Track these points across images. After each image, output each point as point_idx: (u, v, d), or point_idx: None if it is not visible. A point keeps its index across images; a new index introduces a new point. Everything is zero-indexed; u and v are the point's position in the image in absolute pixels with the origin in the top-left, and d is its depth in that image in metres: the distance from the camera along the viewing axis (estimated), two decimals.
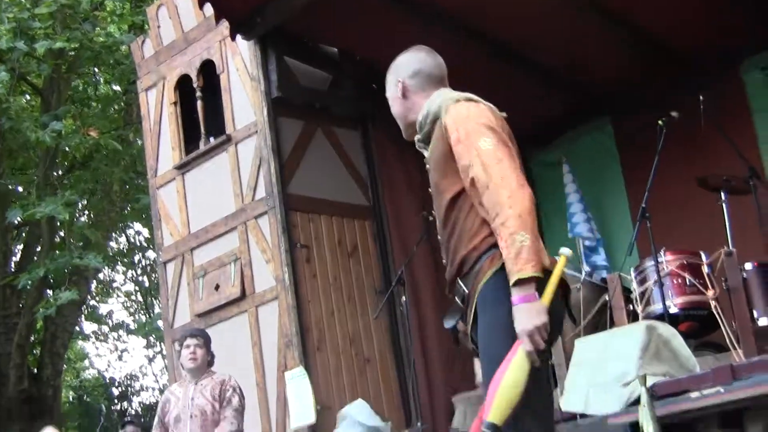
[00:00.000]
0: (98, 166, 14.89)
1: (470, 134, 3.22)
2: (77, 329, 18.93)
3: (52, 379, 15.27)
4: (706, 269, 6.19)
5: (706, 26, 7.78)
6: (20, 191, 16.05)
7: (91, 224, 15.73)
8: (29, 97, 16.19)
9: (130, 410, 19.62)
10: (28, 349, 15.42)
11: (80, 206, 15.44)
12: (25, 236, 16.44)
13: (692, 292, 6.13)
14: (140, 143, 14.06)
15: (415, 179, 8.44)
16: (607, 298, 6.47)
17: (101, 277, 19.55)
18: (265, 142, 8.12)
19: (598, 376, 5.44)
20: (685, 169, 7.42)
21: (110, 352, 21.83)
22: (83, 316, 18.81)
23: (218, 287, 8.34)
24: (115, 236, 18.87)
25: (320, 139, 8.65)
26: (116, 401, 19.98)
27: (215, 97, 8.71)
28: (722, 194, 6.59)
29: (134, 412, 19.44)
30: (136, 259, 20.26)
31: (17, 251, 16.73)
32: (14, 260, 16.29)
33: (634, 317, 6.28)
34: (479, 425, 3.03)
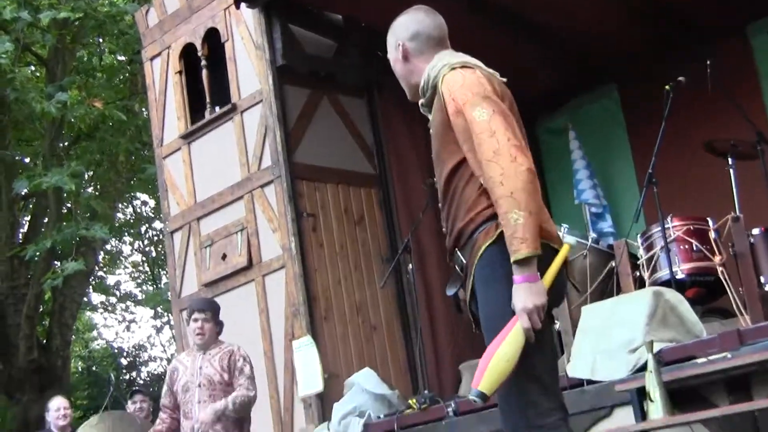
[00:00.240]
0: (104, 136, 14.90)
1: (465, 105, 3.17)
2: (85, 300, 19.02)
3: (61, 349, 15.35)
4: (713, 235, 6.17)
5: None
6: (27, 162, 16.08)
7: (97, 195, 15.75)
8: (34, 67, 16.18)
9: (138, 380, 19.74)
10: (37, 320, 15.50)
11: (86, 177, 15.43)
12: (32, 207, 16.48)
13: (699, 258, 6.12)
14: (145, 113, 14.05)
15: (421, 146, 8.38)
16: (613, 264, 6.47)
17: (108, 248, 19.61)
18: (270, 110, 8.10)
19: (604, 342, 5.44)
20: (692, 134, 7.39)
21: (118, 322, 21.94)
22: (91, 287, 18.88)
23: (225, 257, 8.35)
24: (121, 207, 18.91)
25: (326, 107, 8.62)
26: (125, 371, 20.10)
27: (220, 65, 8.69)
28: (729, 159, 6.56)
29: (142, 381, 19.55)
30: (142, 229, 20.32)
31: (25, 223, 16.78)
32: (22, 231, 16.34)
33: (640, 283, 6.27)
34: None
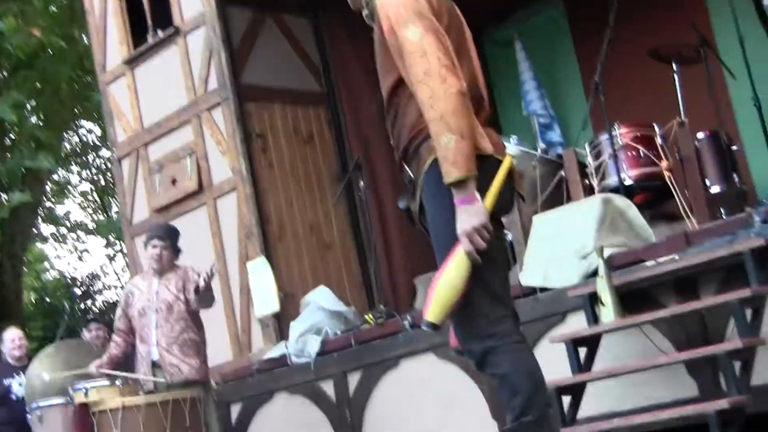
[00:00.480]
0: (44, 65, 14.59)
1: (398, 23, 3.10)
2: (35, 231, 18.82)
3: (12, 281, 15.24)
4: (659, 140, 6.25)
5: None
6: None
7: (41, 125, 15.48)
8: None
9: (93, 309, 19.67)
10: None
11: (29, 107, 15.15)
12: None
13: (646, 163, 6.19)
14: (86, 40, 13.77)
15: (369, 62, 8.26)
16: (563, 173, 6.52)
17: (56, 178, 19.36)
18: (214, 32, 8.01)
19: (556, 250, 5.52)
20: (637, 42, 7.40)
21: (70, 253, 21.76)
22: (40, 218, 18.68)
23: (175, 181, 8.30)
24: (67, 137, 18.60)
25: (270, 27, 8.54)
26: (79, 301, 20.01)
27: None
28: (674, 65, 6.62)
29: (98, 310, 19.48)
30: (90, 158, 20.04)
31: None
32: None
33: (590, 191, 6.34)
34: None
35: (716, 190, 6.01)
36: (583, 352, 4.92)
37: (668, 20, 7.18)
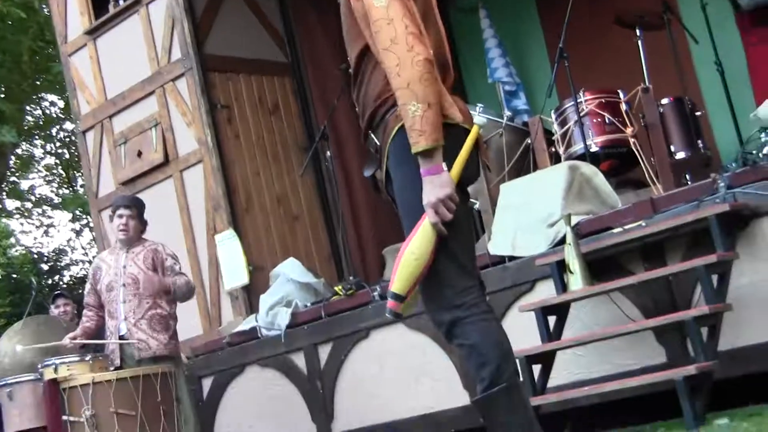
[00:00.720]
0: (4, 35, 14.37)
1: None
2: (0, 207, 18.65)
3: None
4: (624, 107, 6.26)
5: None
6: None
7: (2, 97, 15.28)
8: None
9: (61, 284, 19.50)
10: None
11: None
12: None
13: (611, 130, 6.21)
14: (47, 10, 13.56)
15: (333, 32, 8.15)
16: (529, 141, 6.53)
17: (19, 152, 19.13)
18: (176, 1, 7.92)
19: (523, 218, 5.53)
20: (600, 8, 7.41)
21: (36, 228, 21.53)
22: (5, 193, 18.48)
23: (140, 154, 8.24)
24: (29, 109, 18.38)
25: None
26: (46, 276, 19.83)
27: None
28: (637, 31, 6.63)
29: (65, 285, 19.32)
30: (53, 131, 19.81)
31: None
32: None
33: (556, 159, 6.36)
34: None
35: (681, 156, 6.05)
36: (552, 320, 4.96)
37: None
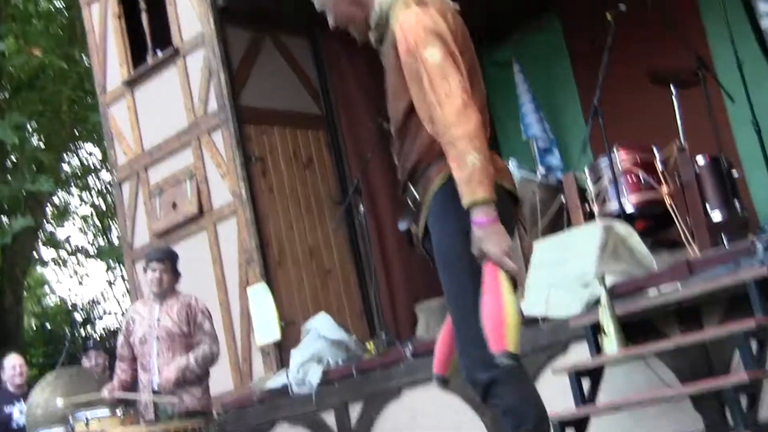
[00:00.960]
0: (45, 86, 14.58)
1: (417, 45, 3.08)
2: (35, 255, 18.76)
3: (13, 306, 15.13)
4: (659, 166, 6.20)
5: None
6: None
7: (42, 147, 15.45)
8: None
9: (93, 335, 19.53)
10: None
11: (29, 129, 15.12)
12: None
13: (646, 189, 6.13)
14: (87, 61, 13.76)
15: (368, 84, 8.32)
16: (563, 198, 6.49)
17: (56, 201, 19.31)
18: (213, 53, 8.00)
19: (558, 276, 5.46)
20: (635, 64, 7.36)
21: (70, 277, 21.61)
22: (41, 242, 18.61)
23: (175, 205, 8.28)
24: (67, 158, 18.58)
25: (269, 48, 8.53)
26: (80, 327, 19.86)
27: (159, 8, 8.52)
28: (672, 88, 6.59)
29: (98, 337, 19.34)
30: (90, 181, 19.98)
31: None
32: None
33: (590, 216, 6.30)
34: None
35: (718, 216, 5.96)
36: (586, 383, 4.88)
37: (665, 39, 7.15)
